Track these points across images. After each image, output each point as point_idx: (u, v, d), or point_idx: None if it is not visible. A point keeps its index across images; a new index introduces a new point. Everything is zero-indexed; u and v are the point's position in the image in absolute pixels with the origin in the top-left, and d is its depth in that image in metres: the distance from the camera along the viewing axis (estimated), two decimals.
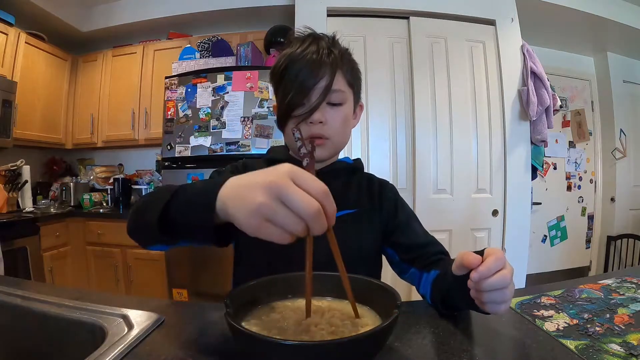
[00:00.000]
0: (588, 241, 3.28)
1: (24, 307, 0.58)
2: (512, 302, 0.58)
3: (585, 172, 3.24)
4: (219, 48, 2.40)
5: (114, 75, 2.74)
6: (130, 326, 0.49)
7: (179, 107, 2.10)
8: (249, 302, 0.44)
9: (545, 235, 3.12)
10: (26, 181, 2.42)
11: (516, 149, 2.11)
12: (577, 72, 3.19)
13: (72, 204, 2.65)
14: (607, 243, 3.10)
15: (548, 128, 2.09)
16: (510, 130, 2.10)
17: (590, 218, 3.26)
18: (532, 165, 2.13)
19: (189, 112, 2.07)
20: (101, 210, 2.56)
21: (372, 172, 0.80)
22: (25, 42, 2.39)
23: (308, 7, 2.07)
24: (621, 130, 3.12)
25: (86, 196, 2.62)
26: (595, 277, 0.72)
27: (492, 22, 2.15)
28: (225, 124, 2.00)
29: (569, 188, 3.19)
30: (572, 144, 3.20)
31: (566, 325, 0.50)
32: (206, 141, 2.02)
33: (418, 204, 2.04)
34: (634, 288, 0.64)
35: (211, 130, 2.02)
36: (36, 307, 0.57)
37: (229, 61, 2.26)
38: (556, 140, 3.12)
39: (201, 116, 2.04)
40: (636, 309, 0.54)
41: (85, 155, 3.09)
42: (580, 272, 3.21)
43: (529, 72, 2.04)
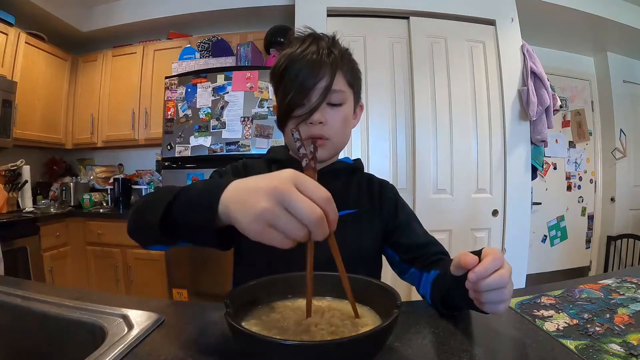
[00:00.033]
0: (588, 241, 3.28)
1: (24, 307, 0.58)
2: (512, 302, 0.58)
3: (585, 172, 3.24)
4: (219, 48, 2.40)
5: (114, 75, 2.74)
6: (130, 326, 0.49)
7: (179, 107, 2.10)
8: (249, 302, 0.44)
9: (545, 235, 3.12)
10: (26, 181, 2.42)
11: (516, 149, 2.11)
12: (577, 72, 3.19)
13: (72, 204, 2.65)
14: (607, 243, 3.10)
15: (548, 128, 2.09)
16: (510, 130, 2.10)
17: (590, 218, 3.26)
18: (532, 165, 2.13)
19: (189, 112, 2.07)
20: (101, 210, 2.56)
21: (372, 172, 0.80)
22: (25, 42, 2.39)
23: (308, 7, 2.07)
24: (621, 130, 3.12)
25: (86, 196, 2.62)
26: (595, 277, 0.72)
27: (492, 22, 2.15)
28: (225, 124, 2.00)
29: (569, 188, 3.19)
30: (572, 144, 3.20)
31: (566, 325, 0.50)
32: (206, 141, 2.02)
33: (418, 204, 2.05)
34: (634, 288, 0.63)
35: (211, 130, 2.02)
36: (36, 307, 0.57)
37: (229, 61, 2.26)
38: (556, 140, 3.12)
39: (201, 116, 2.04)
40: (636, 309, 0.54)
41: (85, 155, 3.09)
42: (580, 272, 3.21)
43: (529, 72, 2.04)
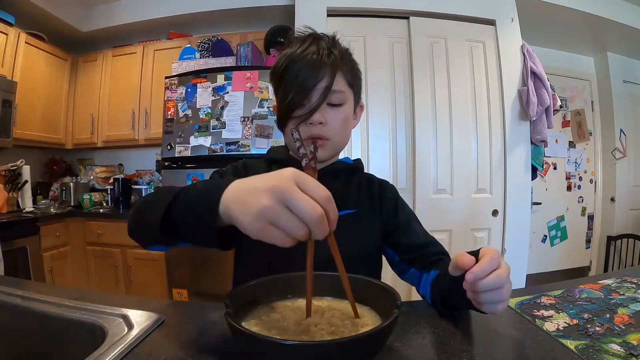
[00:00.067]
0: (588, 241, 3.28)
1: (24, 307, 0.58)
2: (512, 302, 0.58)
3: (585, 172, 3.24)
4: (219, 48, 2.40)
5: (114, 75, 2.74)
6: (130, 326, 0.48)
7: (179, 107, 2.10)
8: (249, 302, 0.44)
9: (545, 235, 3.12)
10: (26, 181, 2.42)
11: (516, 149, 2.11)
12: (577, 72, 3.19)
13: (72, 204, 2.65)
14: (607, 243, 3.10)
15: (548, 128, 2.09)
16: (510, 130, 2.10)
17: (590, 218, 3.26)
18: (532, 165, 2.13)
19: (189, 112, 2.07)
20: (101, 210, 2.56)
21: (372, 172, 0.80)
22: (25, 42, 2.39)
23: (308, 7, 2.07)
24: (621, 130, 3.12)
25: (86, 196, 2.62)
26: (595, 277, 0.72)
27: (492, 22, 2.15)
28: (225, 124, 2.00)
29: (569, 188, 3.19)
30: (572, 144, 3.20)
31: (566, 325, 0.50)
32: (206, 141, 2.02)
33: (418, 204, 2.04)
34: (634, 288, 0.63)
35: (211, 130, 2.02)
36: (36, 307, 0.57)
37: (229, 61, 2.26)
38: (556, 140, 3.12)
39: (201, 116, 2.04)
40: (636, 309, 0.54)
41: (85, 155, 3.09)
42: (580, 272, 3.21)
43: (529, 72, 2.04)
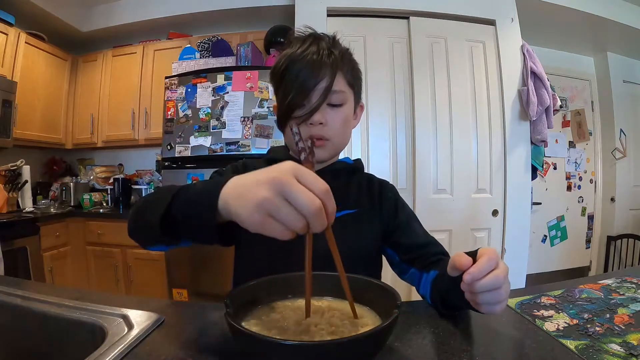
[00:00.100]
0: (588, 241, 3.28)
1: (24, 307, 0.58)
2: (512, 302, 0.58)
3: (585, 172, 3.24)
4: (219, 48, 2.40)
5: (114, 75, 2.74)
6: (130, 326, 0.49)
7: (179, 107, 2.10)
8: (249, 302, 0.44)
9: (545, 235, 3.12)
10: (26, 181, 2.42)
11: (516, 149, 2.11)
12: (577, 72, 3.19)
13: (72, 204, 2.65)
14: (607, 243, 3.10)
15: (548, 128, 2.09)
16: (510, 130, 2.10)
17: (590, 218, 3.26)
18: (532, 165, 2.13)
19: (189, 112, 2.07)
20: (101, 210, 2.56)
21: (372, 172, 0.80)
22: (25, 42, 2.39)
23: (308, 7, 2.07)
24: (621, 130, 3.12)
25: (86, 196, 2.62)
26: (595, 277, 0.72)
27: (492, 22, 2.15)
28: (225, 124, 2.00)
29: (569, 188, 3.19)
30: (572, 144, 3.20)
31: (566, 325, 0.50)
32: (206, 141, 2.02)
33: (418, 204, 2.04)
34: (634, 288, 0.63)
35: (211, 130, 2.02)
36: (36, 307, 0.57)
37: (229, 61, 2.26)
38: (556, 140, 3.12)
39: (201, 116, 2.04)
40: (636, 309, 0.54)
41: (85, 155, 3.09)
42: (580, 272, 3.21)
43: (529, 72, 2.04)
